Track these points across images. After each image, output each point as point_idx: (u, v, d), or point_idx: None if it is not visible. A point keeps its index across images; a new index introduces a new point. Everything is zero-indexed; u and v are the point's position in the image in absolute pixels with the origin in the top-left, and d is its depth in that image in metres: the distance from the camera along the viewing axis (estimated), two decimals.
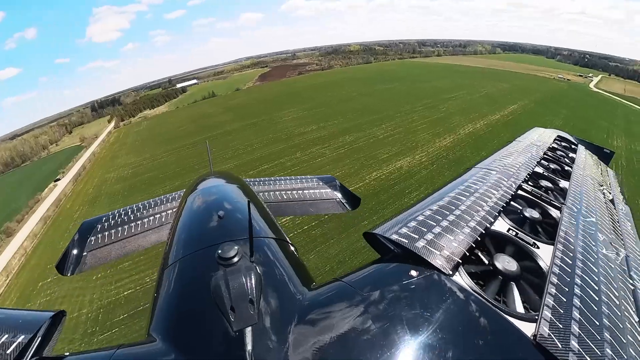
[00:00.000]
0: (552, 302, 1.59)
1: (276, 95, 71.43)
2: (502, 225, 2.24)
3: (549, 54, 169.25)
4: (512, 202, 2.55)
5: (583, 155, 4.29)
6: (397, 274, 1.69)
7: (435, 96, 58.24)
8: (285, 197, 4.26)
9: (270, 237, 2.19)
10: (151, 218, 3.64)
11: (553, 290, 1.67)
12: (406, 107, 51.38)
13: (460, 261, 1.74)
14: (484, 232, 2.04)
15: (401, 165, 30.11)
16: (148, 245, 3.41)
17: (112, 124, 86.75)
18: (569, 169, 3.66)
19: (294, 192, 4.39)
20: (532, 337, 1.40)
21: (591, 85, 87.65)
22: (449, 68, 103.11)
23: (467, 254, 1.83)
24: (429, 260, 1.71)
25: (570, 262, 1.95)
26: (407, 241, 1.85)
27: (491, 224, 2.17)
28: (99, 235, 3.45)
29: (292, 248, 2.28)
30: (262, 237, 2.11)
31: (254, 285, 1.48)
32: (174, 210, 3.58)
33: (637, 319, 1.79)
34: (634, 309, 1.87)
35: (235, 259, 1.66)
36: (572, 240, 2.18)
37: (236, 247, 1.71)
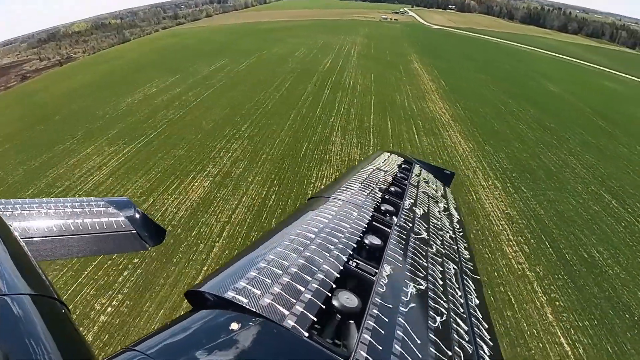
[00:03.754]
0: (373, 324, 1.79)
1: (21, 128, 38.47)
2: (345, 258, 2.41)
3: None
4: (359, 233, 2.76)
5: (418, 176, 4.98)
6: (212, 330, 1.66)
7: (315, 70, 49.99)
8: (56, 229, 3.58)
9: (27, 293, 1.91)
10: None
11: (375, 312, 1.88)
12: (306, 97, 39.59)
13: (314, 319, 1.75)
14: (338, 275, 2.13)
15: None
16: None
17: None
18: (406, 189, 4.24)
19: (70, 222, 3.70)
20: None
21: (421, 21, 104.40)
22: (254, 28, 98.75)
23: (320, 304, 1.85)
24: (276, 321, 1.68)
25: (395, 281, 2.23)
26: (246, 300, 1.77)
27: (344, 262, 2.29)
28: None
29: (63, 309, 2.02)
30: (13, 295, 1.83)
31: None
32: None
33: (466, 328, 2.14)
34: (465, 317, 2.23)
35: None
36: (400, 259, 2.53)
37: None
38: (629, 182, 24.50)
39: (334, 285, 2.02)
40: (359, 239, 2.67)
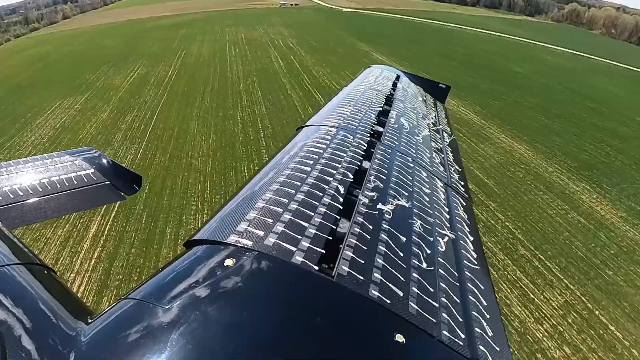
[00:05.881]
0: (355, 241, 1.96)
1: None
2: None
3: None
4: (357, 160, 2.95)
5: (406, 90, 5.29)
6: (211, 266, 1.72)
7: (273, 71, 46.74)
8: (22, 193, 3.50)
9: (12, 263, 1.97)
10: None
11: (357, 230, 2.06)
12: (303, 109, 36.68)
13: (322, 251, 1.88)
14: (340, 207, 2.26)
15: None
16: None
17: None
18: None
19: (37, 182, 3.65)
20: (332, 278, 1.71)
21: (324, 4, 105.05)
22: (143, 27, 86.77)
23: (327, 237, 1.98)
24: (284, 259, 1.79)
25: (378, 200, 2.41)
26: (250, 242, 1.86)
27: (343, 192, 2.43)
28: None
29: (51, 274, 2.11)
30: (8, 265, 1.91)
31: None
32: None
33: (451, 244, 2.32)
34: (449, 234, 2.40)
35: None
36: (384, 179, 2.75)
37: None
38: None
39: (338, 217, 2.17)
40: (356, 167, 2.85)
